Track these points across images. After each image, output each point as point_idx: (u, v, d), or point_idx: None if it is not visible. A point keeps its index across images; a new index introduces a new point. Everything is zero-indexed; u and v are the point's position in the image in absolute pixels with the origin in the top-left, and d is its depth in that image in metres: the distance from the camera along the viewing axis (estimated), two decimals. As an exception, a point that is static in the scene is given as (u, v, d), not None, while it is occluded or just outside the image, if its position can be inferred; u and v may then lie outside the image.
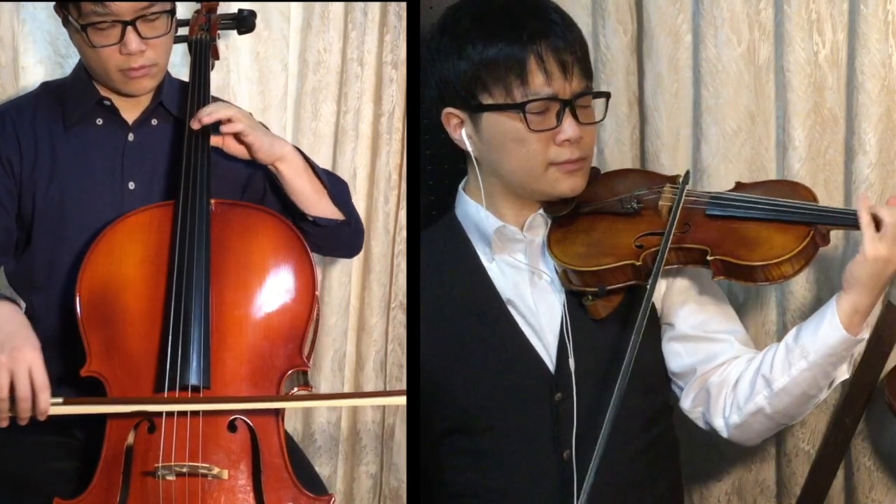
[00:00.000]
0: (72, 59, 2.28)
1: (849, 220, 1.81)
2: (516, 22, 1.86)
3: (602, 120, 1.96)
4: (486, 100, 1.87)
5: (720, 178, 2.22)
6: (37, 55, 2.30)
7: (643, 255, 1.85)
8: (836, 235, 2.20)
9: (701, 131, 2.25)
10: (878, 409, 2.19)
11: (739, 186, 1.97)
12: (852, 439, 2.23)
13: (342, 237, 2.09)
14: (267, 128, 2.15)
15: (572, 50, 1.87)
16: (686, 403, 1.95)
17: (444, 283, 1.96)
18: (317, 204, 2.01)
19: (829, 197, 2.20)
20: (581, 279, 1.88)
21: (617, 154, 2.33)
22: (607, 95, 1.98)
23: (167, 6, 1.91)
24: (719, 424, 1.92)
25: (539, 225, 1.95)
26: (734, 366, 1.91)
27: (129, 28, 1.87)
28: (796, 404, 1.87)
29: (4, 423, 1.73)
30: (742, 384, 1.88)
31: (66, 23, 1.94)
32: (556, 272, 1.92)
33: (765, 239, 1.83)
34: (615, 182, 2.00)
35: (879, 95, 2.12)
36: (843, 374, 1.86)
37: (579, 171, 1.90)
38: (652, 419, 1.94)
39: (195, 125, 1.93)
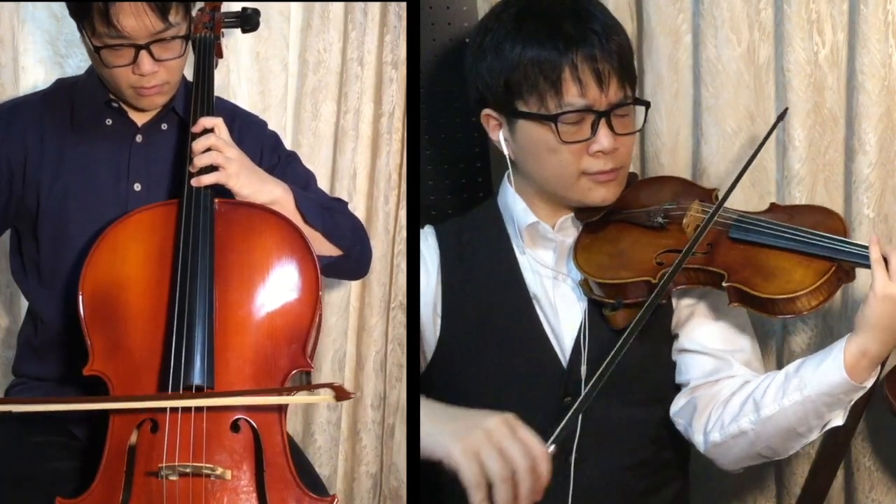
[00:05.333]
0: (72, 59, 2.29)
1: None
2: (554, 28, 1.83)
3: (640, 129, 1.91)
4: (521, 107, 1.86)
5: (720, 179, 2.22)
6: (37, 55, 2.29)
7: (661, 273, 1.82)
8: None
9: (701, 131, 2.25)
10: (878, 409, 2.19)
11: (773, 207, 1.95)
12: (852, 439, 2.23)
13: (342, 269, 2.08)
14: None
15: (610, 59, 1.83)
16: (673, 409, 1.93)
17: (476, 266, 1.96)
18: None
19: (829, 197, 2.21)
20: (600, 289, 1.88)
21: (617, 154, 2.33)
22: (647, 104, 1.95)
23: (182, 30, 1.89)
24: (698, 440, 1.89)
25: (569, 227, 1.95)
26: (727, 384, 1.88)
27: (143, 51, 1.85)
28: (781, 438, 1.82)
29: None
30: (732, 403, 1.85)
31: (81, 34, 1.90)
32: (579, 278, 1.91)
33: (784, 270, 1.78)
34: (651, 190, 1.99)
35: (879, 95, 2.12)
36: (837, 419, 1.80)
37: (612, 181, 1.89)
38: (659, 429, 1.93)
39: (194, 184, 1.87)
